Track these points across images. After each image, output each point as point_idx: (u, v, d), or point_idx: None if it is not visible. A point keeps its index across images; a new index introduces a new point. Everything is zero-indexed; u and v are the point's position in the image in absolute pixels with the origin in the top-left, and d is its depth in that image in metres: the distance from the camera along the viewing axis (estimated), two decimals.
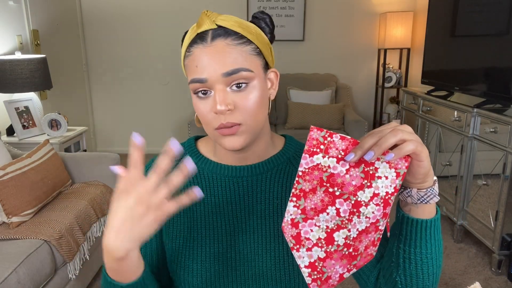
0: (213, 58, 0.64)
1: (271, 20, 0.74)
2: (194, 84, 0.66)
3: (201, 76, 0.65)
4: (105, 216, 2.20)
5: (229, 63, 0.64)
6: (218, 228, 0.75)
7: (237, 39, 0.66)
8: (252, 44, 0.67)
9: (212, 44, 0.65)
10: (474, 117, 2.39)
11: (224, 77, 0.64)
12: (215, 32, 0.65)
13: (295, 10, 4.17)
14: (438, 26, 3.00)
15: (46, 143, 2.20)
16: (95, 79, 4.37)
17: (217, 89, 0.65)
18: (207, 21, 0.66)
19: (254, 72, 0.66)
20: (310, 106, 3.77)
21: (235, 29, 0.66)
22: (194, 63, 0.66)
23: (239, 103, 0.66)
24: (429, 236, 0.64)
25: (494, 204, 2.22)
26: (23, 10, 3.06)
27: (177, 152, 0.57)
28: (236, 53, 0.65)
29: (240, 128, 0.67)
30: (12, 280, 1.49)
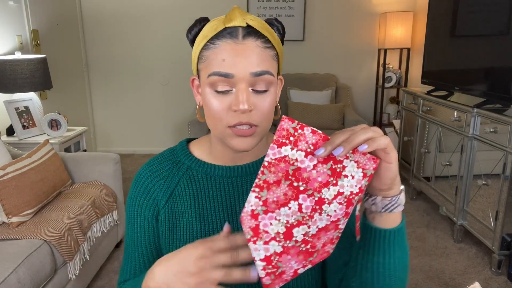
0: (244, 56, 0.64)
1: (284, 28, 0.74)
2: (215, 77, 0.64)
3: (229, 71, 0.63)
4: (105, 216, 2.21)
5: (258, 64, 0.64)
6: (214, 229, 0.75)
7: (265, 43, 0.66)
8: (275, 50, 0.68)
9: (243, 42, 0.64)
10: (474, 117, 2.39)
11: (252, 77, 0.64)
12: (246, 31, 0.65)
13: (295, 10, 4.17)
14: (438, 26, 3.00)
15: (46, 143, 2.20)
16: (95, 79, 4.37)
17: (240, 87, 0.64)
18: (239, 17, 0.65)
19: (275, 76, 0.67)
20: (310, 106, 3.77)
21: (263, 32, 0.66)
22: (221, 56, 0.64)
23: (258, 105, 0.66)
24: (388, 246, 0.62)
25: (494, 204, 2.22)
26: (23, 10, 3.06)
27: (252, 278, 0.59)
28: (264, 55, 0.65)
29: (256, 130, 0.67)
30: (12, 280, 1.49)
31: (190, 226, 0.75)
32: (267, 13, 4.16)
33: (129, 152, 4.55)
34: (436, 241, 2.62)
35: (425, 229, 2.79)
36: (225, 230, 0.62)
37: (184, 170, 0.78)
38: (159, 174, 0.78)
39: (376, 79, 4.35)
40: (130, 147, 4.56)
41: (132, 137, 4.53)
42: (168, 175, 0.78)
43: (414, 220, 2.92)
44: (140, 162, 4.21)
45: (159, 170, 0.78)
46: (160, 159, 0.80)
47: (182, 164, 0.78)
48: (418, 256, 2.44)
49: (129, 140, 4.55)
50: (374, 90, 4.41)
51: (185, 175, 0.77)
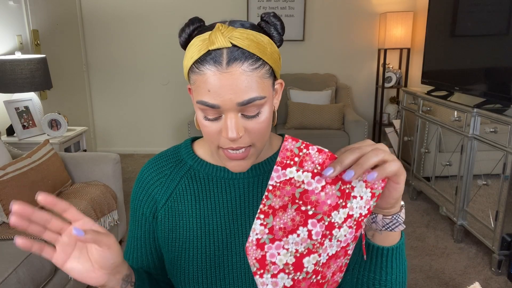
0: (228, 86, 0.60)
1: (283, 25, 0.68)
2: (202, 106, 0.63)
3: (214, 103, 0.61)
4: (105, 216, 2.20)
5: (245, 92, 0.60)
6: (214, 230, 0.75)
7: (254, 63, 0.61)
8: (266, 66, 0.63)
9: (228, 70, 0.59)
10: (474, 117, 2.39)
11: (239, 106, 0.61)
12: (231, 55, 0.60)
13: (295, 10, 4.17)
14: (438, 26, 3.00)
15: (46, 143, 2.20)
16: (95, 79, 4.37)
17: (229, 116, 0.62)
18: (220, 38, 0.60)
19: (267, 96, 0.64)
20: (310, 106, 3.77)
21: (252, 50, 0.61)
22: (206, 86, 0.61)
23: (250, 128, 0.64)
24: (386, 263, 0.61)
25: (494, 204, 2.22)
26: (23, 10, 3.06)
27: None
28: (252, 80, 0.61)
29: (250, 151, 0.66)
30: (12, 280, 1.49)
31: (190, 226, 0.75)
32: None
33: (129, 152, 4.55)
34: (436, 241, 2.62)
35: (425, 229, 2.79)
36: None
37: (186, 169, 0.78)
38: (161, 172, 0.78)
39: (376, 79, 4.35)
40: (130, 147, 4.56)
41: (132, 137, 4.53)
42: (170, 174, 0.78)
43: (414, 220, 2.92)
44: (140, 162, 4.21)
45: (161, 168, 0.79)
46: (164, 156, 0.80)
47: (184, 163, 0.78)
48: (418, 256, 2.44)
49: (129, 140, 4.55)
50: (374, 90, 4.41)
51: (187, 174, 0.77)
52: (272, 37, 0.67)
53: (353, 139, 3.55)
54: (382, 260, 0.61)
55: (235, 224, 0.75)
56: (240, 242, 0.74)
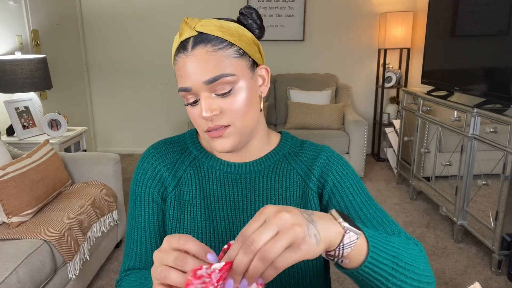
0: (194, 67, 0.66)
1: (258, 14, 0.73)
2: (181, 93, 0.69)
3: (186, 85, 0.67)
4: (105, 216, 2.20)
5: (210, 70, 0.65)
6: (218, 223, 0.76)
7: (217, 44, 0.66)
8: (234, 46, 0.68)
9: (192, 53, 0.66)
10: (474, 117, 2.39)
11: (206, 85, 0.66)
12: (196, 40, 0.66)
13: (295, 10, 4.17)
14: (438, 26, 3.00)
15: (46, 143, 2.20)
16: (95, 79, 4.37)
17: (202, 96, 0.67)
18: (186, 28, 0.67)
19: (238, 74, 0.67)
20: (310, 106, 3.77)
21: (215, 34, 0.66)
22: (180, 73, 0.67)
23: (225, 107, 0.68)
24: (369, 279, 0.56)
25: (494, 204, 2.22)
26: (23, 10, 3.05)
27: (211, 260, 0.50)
28: (216, 59, 0.66)
29: (227, 130, 0.69)
30: (12, 280, 1.49)
31: (195, 216, 0.76)
32: (267, 13, 4.16)
33: (129, 152, 4.55)
34: (436, 241, 2.62)
35: (425, 229, 2.79)
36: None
37: (191, 159, 0.80)
38: (167, 158, 0.79)
39: (376, 79, 4.35)
40: (130, 147, 4.56)
41: (132, 137, 4.53)
42: (176, 161, 0.79)
43: (414, 220, 2.92)
44: None
45: (167, 154, 0.80)
46: (169, 143, 0.82)
47: (189, 153, 0.80)
48: None
49: (129, 140, 4.55)
50: (374, 90, 4.41)
51: (192, 164, 0.79)
52: (250, 26, 0.72)
53: (353, 139, 3.55)
54: (363, 279, 0.57)
55: (237, 218, 0.76)
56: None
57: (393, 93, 4.38)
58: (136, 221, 0.79)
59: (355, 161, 3.58)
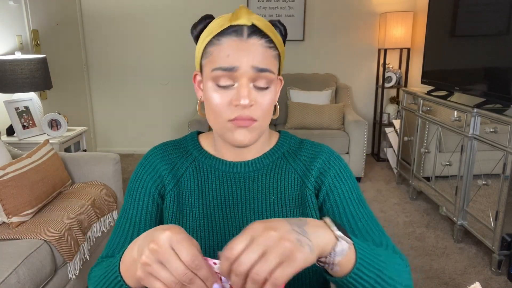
0: (248, 52, 0.66)
1: (286, 30, 0.76)
2: (218, 72, 0.67)
3: (233, 64, 0.66)
4: (105, 216, 2.20)
5: (261, 61, 0.67)
6: (217, 222, 0.77)
7: (269, 42, 0.69)
8: (277, 50, 0.71)
9: (248, 41, 0.67)
10: (474, 117, 2.39)
11: (254, 72, 0.66)
12: (251, 30, 0.68)
13: (295, 10, 4.17)
14: (438, 26, 3.00)
15: (46, 143, 2.20)
16: (95, 79, 4.37)
17: (242, 82, 0.67)
18: (245, 16, 0.68)
19: (275, 74, 0.70)
20: (310, 106, 3.77)
21: (268, 32, 0.69)
22: (225, 52, 0.66)
23: (258, 101, 0.68)
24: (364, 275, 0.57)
25: (494, 204, 2.22)
26: (23, 10, 3.05)
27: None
28: (267, 54, 0.68)
29: (254, 123, 0.69)
30: (12, 280, 1.49)
31: (193, 216, 0.77)
32: (267, 13, 4.16)
33: (129, 152, 4.55)
34: (436, 241, 2.62)
35: (425, 229, 2.79)
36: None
37: (191, 160, 0.80)
38: (169, 159, 0.81)
39: (376, 79, 4.35)
40: (130, 147, 4.56)
41: (132, 137, 4.53)
42: (176, 163, 0.80)
43: (414, 220, 2.92)
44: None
45: (169, 155, 0.81)
46: (172, 145, 0.83)
47: (190, 154, 0.81)
48: (418, 256, 2.44)
49: (129, 140, 4.54)
50: (374, 90, 4.41)
51: (192, 165, 0.80)
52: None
53: (353, 139, 3.55)
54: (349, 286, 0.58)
55: (236, 216, 0.77)
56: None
57: (393, 93, 4.38)
58: (127, 212, 0.79)
59: (355, 161, 3.58)
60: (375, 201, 3.25)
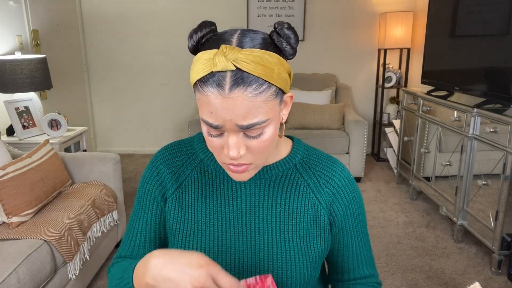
0: (229, 110, 0.60)
1: (297, 37, 0.66)
2: (206, 125, 0.65)
3: (216, 123, 0.62)
4: (105, 216, 2.20)
5: (247, 117, 0.60)
6: (219, 226, 0.76)
7: (258, 88, 0.60)
8: (273, 87, 0.62)
9: (230, 96, 0.59)
10: (474, 117, 2.39)
11: (240, 129, 0.62)
12: (234, 79, 0.58)
13: (295, 10, 4.17)
14: (438, 26, 3.00)
15: (46, 143, 2.20)
16: (95, 79, 4.37)
17: (231, 135, 0.63)
18: (223, 61, 0.58)
19: (271, 118, 0.64)
20: (310, 106, 3.77)
21: (257, 74, 0.59)
22: (209, 108, 0.61)
23: (251, 146, 0.65)
24: None
25: (494, 204, 2.22)
26: (23, 10, 3.06)
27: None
28: (255, 105, 0.60)
29: (249, 166, 0.68)
30: (12, 280, 1.49)
31: (195, 219, 0.77)
32: (267, 13, 4.16)
33: (129, 152, 4.55)
34: (436, 241, 2.62)
35: (425, 229, 2.79)
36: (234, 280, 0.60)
37: (197, 162, 0.80)
38: (174, 162, 0.80)
39: (376, 79, 4.35)
40: (130, 147, 4.56)
41: (132, 137, 4.53)
42: (181, 165, 0.80)
43: (414, 220, 2.92)
44: (140, 162, 4.21)
45: (173, 158, 0.81)
46: (178, 147, 0.82)
47: (196, 157, 0.81)
48: (418, 256, 2.44)
49: (129, 140, 4.55)
50: (374, 90, 4.41)
51: (197, 168, 0.79)
52: (283, 51, 0.65)
53: (353, 139, 3.55)
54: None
55: (238, 222, 0.76)
56: (242, 241, 0.75)
57: (393, 93, 4.38)
58: (137, 214, 0.83)
59: (355, 161, 3.58)
60: (375, 201, 3.25)
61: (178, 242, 0.76)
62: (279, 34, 0.64)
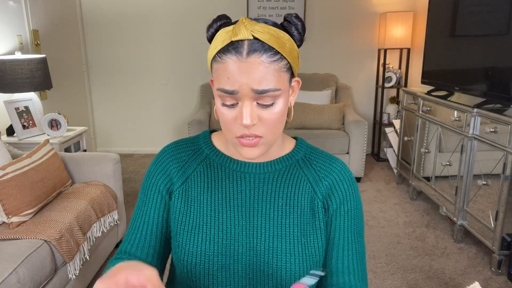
0: (247, 74, 0.64)
1: (304, 26, 0.72)
2: (222, 93, 0.67)
3: (232, 88, 0.65)
4: (105, 216, 2.21)
5: (262, 81, 0.65)
6: (224, 220, 0.77)
7: (272, 56, 0.65)
8: (284, 60, 0.67)
9: (247, 60, 0.64)
10: (474, 117, 2.39)
11: (255, 94, 0.66)
12: (251, 46, 0.64)
13: (295, 10, 4.17)
14: (438, 26, 3.00)
15: (46, 143, 2.20)
16: (95, 79, 4.37)
17: (245, 103, 0.67)
18: (244, 30, 0.65)
19: (282, 89, 0.68)
20: (310, 106, 3.77)
21: (271, 44, 0.65)
22: (226, 74, 0.66)
23: (263, 117, 0.68)
24: None
25: (494, 204, 2.22)
26: (23, 10, 3.06)
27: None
28: (269, 72, 0.65)
29: (260, 140, 0.70)
30: (12, 280, 1.49)
31: (201, 212, 0.78)
32: (267, 13, 4.16)
33: (129, 152, 4.55)
34: (436, 241, 2.62)
35: (425, 229, 2.79)
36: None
37: (202, 158, 0.82)
38: (180, 157, 0.82)
39: (376, 79, 4.35)
40: (130, 147, 4.56)
41: (132, 137, 4.53)
42: (187, 160, 0.82)
43: (414, 220, 2.92)
44: (140, 162, 4.21)
45: (180, 153, 0.82)
46: (184, 143, 0.84)
47: (201, 152, 0.82)
48: (418, 256, 2.44)
49: (129, 140, 4.55)
50: (374, 90, 4.41)
51: (203, 162, 0.81)
52: (292, 36, 0.71)
53: (353, 139, 3.55)
54: None
55: (243, 216, 0.77)
56: (246, 234, 0.77)
57: (393, 93, 4.38)
58: (141, 209, 0.84)
59: (355, 161, 3.58)
60: (375, 201, 3.25)
61: (183, 234, 0.77)
62: (288, 21, 0.71)
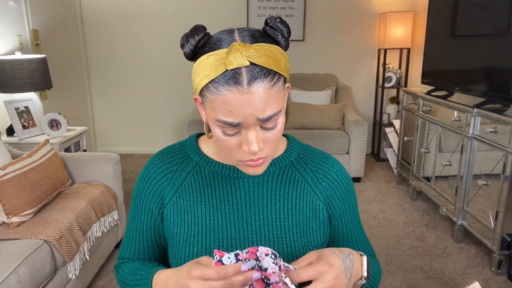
0: (251, 105, 0.61)
1: (289, 30, 0.68)
2: (223, 125, 0.64)
3: (237, 121, 0.62)
4: (105, 216, 2.20)
5: (266, 109, 0.62)
6: (219, 227, 0.76)
7: (272, 79, 0.62)
8: (282, 77, 0.64)
9: (249, 90, 0.60)
10: (474, 117, 2.39)
11: (260, 122, 0.63)
12: (251, 74, 0.60)
13: (295, 10, 4.17)
14: (438, 26, 3.00)
15: (46, 143, 2.20)
16: (95, 79, 4.37)
17: (250, 130, 0.64)
18: (239, 57, 0.60)
19: (283, 107, 0.66)
20: (310, 106, 3.77)
21: (270, 67, 0.61)
22: (227, 107, 0.61)
23: (267, 138, 0.66)
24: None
25: (494, 204, 2.22)
26: (23, 10, 3.06)
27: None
28: (271, 97, 0.62)
29: (267, 159, 0.69)
30: (12, 280, 1.49)
31: (195, 222, 0.76)
32: (267, 13, 4.16)
33: (129, 152, 4.55)
34: (436, 241, 2.62)
35: (425, 229, 2.79)
36: (214, 261, 0.64)
37: (192, 166, 0.79)
38: (167, 168, 0.80)
39: (376, 79, 4.35)
40: (130, 147, 4.56)
41: (132, 137, 4.53)
42: (176, 170, 0.79)
43: (414, 220, 2.92)
44: (140, 162, 4.21)
45: (168, 163, 0.80)
46: (170, 152, 0.82)
47: (190, 160, 0.80)
48: (418, 256, 2.44)
49: (129, 140, 4.54)
50: (374, 90, 4.41)
51: (193, 171, 0.79)
52: (279, 43, 0.67)
53: (353, 139, 3.55)
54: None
55: (239, 221, 0.76)
56: (243, 240, 0.76)
57: (393, 93, 4.38)
58: (135, 221, 0.83)
59: (355, 161, 3.58)
60: (375, 201, 3.25)
61: (179, 245, 0.76)
62: (273, 28, 0.67)
